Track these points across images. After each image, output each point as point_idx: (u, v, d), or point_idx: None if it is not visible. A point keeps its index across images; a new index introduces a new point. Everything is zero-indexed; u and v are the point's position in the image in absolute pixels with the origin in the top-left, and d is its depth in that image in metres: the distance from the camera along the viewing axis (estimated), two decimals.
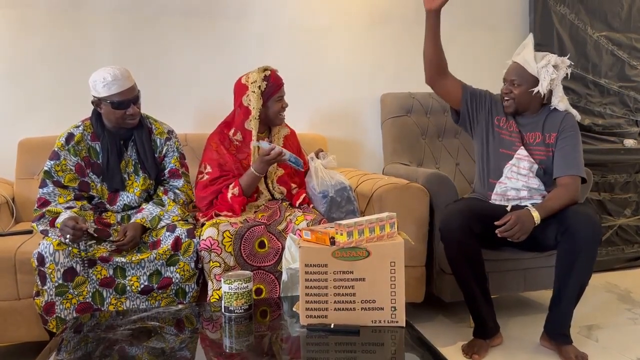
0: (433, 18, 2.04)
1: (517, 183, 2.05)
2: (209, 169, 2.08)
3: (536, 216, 1.87)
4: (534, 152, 2.07)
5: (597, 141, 3.16)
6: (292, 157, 2.02)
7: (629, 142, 3.19)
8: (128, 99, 1.91)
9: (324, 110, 2.92)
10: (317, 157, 2.17)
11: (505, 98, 2.09)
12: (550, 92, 2.08)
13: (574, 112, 2.12)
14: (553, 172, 2.04)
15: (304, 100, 2.83)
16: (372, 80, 2.97)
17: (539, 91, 2.03)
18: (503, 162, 2.08)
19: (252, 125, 2.07)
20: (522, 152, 2.06)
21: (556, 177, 2.02)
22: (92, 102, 1.96)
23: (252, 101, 2.06)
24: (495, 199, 2.10)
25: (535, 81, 2.04)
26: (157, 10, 2.66)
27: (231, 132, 2.12)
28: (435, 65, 2.12)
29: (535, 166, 2.04)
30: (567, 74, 2.07)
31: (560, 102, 2.07)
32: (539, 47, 3.06)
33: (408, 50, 3.02)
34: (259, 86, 2.06)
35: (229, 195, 2.00)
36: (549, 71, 2.01)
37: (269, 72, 2.10)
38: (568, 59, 1.96)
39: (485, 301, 1.99)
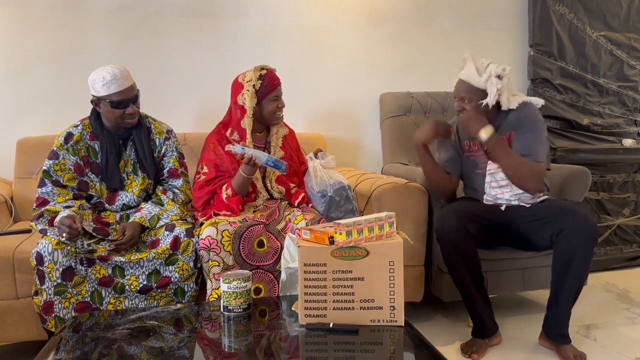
0: (423, 150, 2.11)
1: (504, 195, 2.06)
2: (205, 169, 2.08)
3: (487, 132, 1.93)
4: None
5: (595, 141, 3.16)
6: (271, 160, 1.94)
7: (628, 142, 3.19)
8: (127, 98, 1.91)
9: (323, 110, 2.92)
10: (316, 157, 2.17)
11: (460, 115, 2.10)
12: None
13: (535, 99, 2.10)
14: None
15: (303, 100, 2.83)
16: (371, 79, 2.97)
17: (487, 103, 2.02)
18: (482, 181, 2.11)
19: (246, 124, 2.07)
20: (491, 166, 2.07)
21: None
22: (91, 102, 1.96)
23: (247, 100, 2.06)
24: (488, 201, 2.11)
25: (484, 93, 2.03)
26: (157, 10, 2.66)
27: (228, 132, 2.12)
28: (449, 189, 2.18)
29: None
30: (508, 79, 2.05)
31: (511, 103, 2.05)
32: (538, 46, 3.08)
33: (407, 50, 3.02)
34: (253, 85, 2.06)
35: (224, 196, 2.00)
36: (494, 82, 2.00)
37: (265, 71, 2.09)
38: (568, 58, 1.96)
39: (483, 301, 1.99)
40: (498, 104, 2.07)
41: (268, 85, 2.08)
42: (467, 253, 1.93)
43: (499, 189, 2.06)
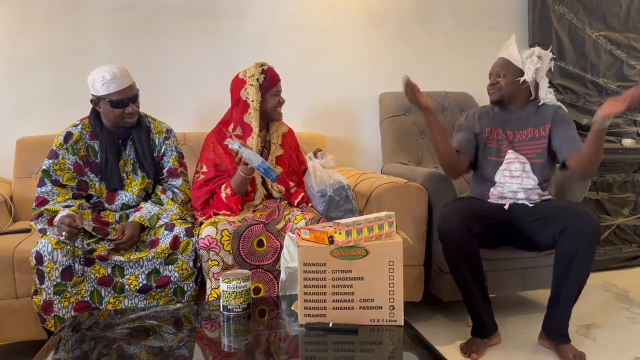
0: (432, 113, 2.10)
1: (511, 186, 2.07)
2: (204, 168, 2.08)
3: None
4: (527, 148, 2.09)
5: None
6: (263, 167, 1.88)
7: (627, 142, 3.20)
8: (127, 97, 1.91)
9: (323, 109, 2.92)
10: (316, 157, 2.17)
11: (491, 89, 2.14)
12: (536, 86, 2.11)
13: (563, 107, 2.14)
14: (557, 154, 2.04)
15: (302, 99, 2.83)
16: (370, 79, 2.97)
17: (525, 80, 2.08)
18: (493, 169, 2.12)
19: (252, 117, 2.08)
20: (510, 155, 2.09)
21: (569, 154, 1.99)
22: (91, 101, 1.96)
23: (251, 94, 2.07)
24: (493, 199, 2.11)
25: (521, 72, 2.09)
26: (156, 9, 2.66)
27: (230, 128, 2.12)
28: (457, 167, 2.16)
29: (528, 165, 2.06)
30: (550, 67, 2.11)
31: (548, 94, 2.10)
32: (537, 46, 3.06)
33: (407, 50, 3.02)
34: (257, 79, 2.07)
35: (223, 195, 2.01)
36: (534, 61, 2.06)
37: (266, 66, 2.11)
38: (567, 58, 1.99)
39: (484, 300, 1.99)
40: (528, 93, 2.10)
41: (270, 79, 2.09)
42: (469, 252, 1.93)
43: (510, 179, 2.07)
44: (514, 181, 2.07)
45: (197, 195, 2.05)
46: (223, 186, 2.02)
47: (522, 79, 2.08)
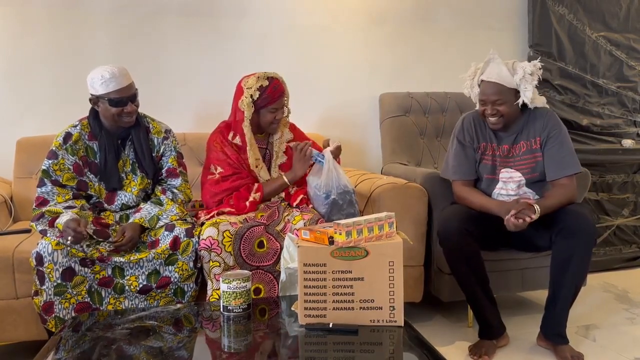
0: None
1: None
2: (220, 169, 2.08)
3: (537, 214, 1.87)
4: (522, 162, 2.04)
5: (595, 141, 3.16)
6: (320, 156, 2.06)
7: (627, 142, 3.20)
8: (125, 96, 1.91)
9: (323, 110, 2.92)
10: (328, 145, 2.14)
11: (492, 119, 2.00)
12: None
13: (544, 100, 2.07)
14: (546, 175, 2.02)
15: (302, 100, 2.81)
16: (370, 80, 2.97)
17: (523, 101, 1.97)
18: (490, 187, 2.08)
19: (246, 129, 2.08)
20: (505, 174, 2.04)
21: (550, 180, 2.00)
22: (90, 100, 1.95)
23: (245, 107, 2.07)
24: None
25: (516, 93, 1.98)
26: (156, 10, 2.66)
27: (230, 136, 2.12)
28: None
29: (523, 181, 2.03)
30: (540, 73, 2.01)
31: (535, 99, 2.00)
32: (537, 47, 3.08)
33: (407, 50, 3.02)
34: (251, 95, 2.06)
35: (251, 198, 2.02)
36: (528, 80, 1.95)
37: (267, 82, 2.07)
38: (567, 58, 1.94)
39: (489, 302, 1.99)
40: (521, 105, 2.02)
41: (267, 98, 2.07)
42: (470, 255, 1.92)
43: (507, 197, 2.03)
44: (512, 198, 2.02)
45: (215, 190, 2.05)
46: (254, 189, 2.05)
47: (520, 101, 1.97)
